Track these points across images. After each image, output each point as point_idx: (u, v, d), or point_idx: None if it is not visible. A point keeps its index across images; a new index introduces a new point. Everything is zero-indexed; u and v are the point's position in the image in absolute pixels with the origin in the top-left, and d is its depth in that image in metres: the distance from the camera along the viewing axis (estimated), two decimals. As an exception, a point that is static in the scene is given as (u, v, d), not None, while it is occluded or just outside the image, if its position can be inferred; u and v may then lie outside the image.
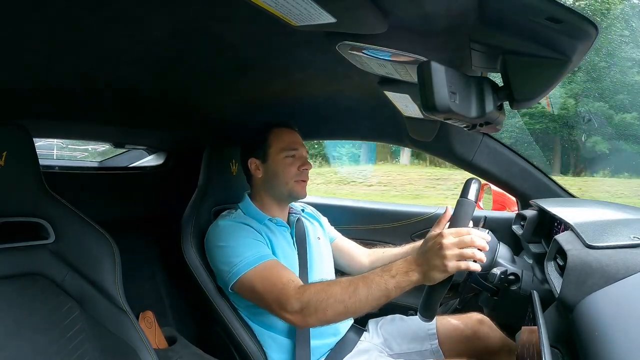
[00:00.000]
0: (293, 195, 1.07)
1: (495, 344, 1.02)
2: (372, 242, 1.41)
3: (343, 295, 0.78)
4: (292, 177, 1.04)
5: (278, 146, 1.06)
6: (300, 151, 1.07)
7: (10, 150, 0.70)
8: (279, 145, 1.06)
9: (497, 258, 0.97)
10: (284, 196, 1.07)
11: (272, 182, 1.06)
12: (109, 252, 0.82)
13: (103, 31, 0.59)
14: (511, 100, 0.57)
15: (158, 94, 0.97)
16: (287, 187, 1.05)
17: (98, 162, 1.56)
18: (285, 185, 1.05)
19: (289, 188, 1.05)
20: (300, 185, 1.06)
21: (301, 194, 1.06)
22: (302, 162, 1.06)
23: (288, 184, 1.05)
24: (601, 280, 0.58)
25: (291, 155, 1.05)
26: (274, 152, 1.05)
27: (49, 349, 0.68)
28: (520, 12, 0.47)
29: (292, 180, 1.04)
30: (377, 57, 0.66)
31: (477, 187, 0.79)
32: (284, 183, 1.05)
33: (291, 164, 1.05)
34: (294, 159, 1.05)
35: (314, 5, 0.47)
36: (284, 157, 1.05)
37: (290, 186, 1.05)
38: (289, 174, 1.04)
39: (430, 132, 1.13)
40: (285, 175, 1.04)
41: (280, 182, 1.05)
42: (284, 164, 1.04)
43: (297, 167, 1.05)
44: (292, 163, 1.05)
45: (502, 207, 1.96)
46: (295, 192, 1.06)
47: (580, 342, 0.51)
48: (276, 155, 1.05)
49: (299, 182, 1.05)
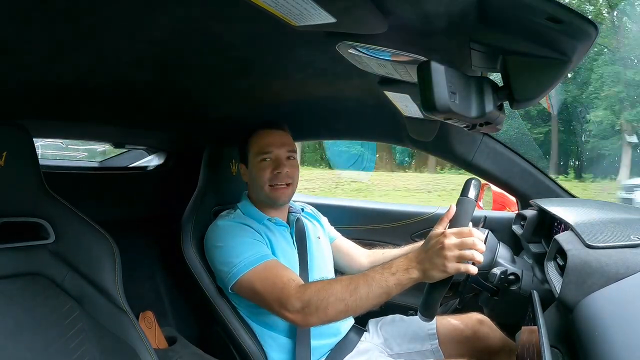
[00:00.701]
0: (270, 200, 1.02)
1: (495, 344, 1.02)
2: (372, 242, 1.41)
3: (344, 293, 0.78)
4: (265, 181, 1.00)
5: (254, 149, 1.03)
6: (275, 153, 1.01)
7: (10, 150, 0.70)
8: (254, 149, 1.03)
9: (497, 258, 0.97)
10: (264, 201, 1.04)
11: (253, 187, 1.04)
12: (109, 252, 0.82)
13: (103, 31, 0.59)
14: (511, 100, 0.57)
15: (158, 94, 0.97)
16: (264, 191, 1.01)
17: (98, 162, 1.56)
18: (262, 189, 1.01)
19: (265, 193, 1.01)
20: (278, 191, 1.01)
21: (278, 199, 1.02)
22: (275, 165, 1.01)
23: (263, 189, 1.01)
24: (601, 280, 0.58)
25: (264, 158, 1.01)
26: (252, 155, 1.03)
27: (49, 348, 0.68)
28: (520, 12, 0.47)
29: (266, 185, 1.00)
30: (377, 57, 0.66)
31: (477, 186, 0.79)
32: (260, 187, 1.01)
33: (265, 167, 1.00)
34: (269, 162, 1.01)
35: (313, 5, 0.47)
36: (258, 160, 1.01)
37: (266, 191, 1.01)
38: (262, 178, 1.00)
39: (430, 132, 1.13)
40: (259, 179, 1.01)
41: (258, 187, 1.02)
42: (258, 168, 1.01)
43: (270, 170, 1.00)
44: (266, 167, 1.00)
45: (502, 207, 1.97)
46: (271, 198, 1.02)
47: (580, 342, 0.51)
48: (253, 159, 1.02)
49: (275, 188, 1.00)
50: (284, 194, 1.02)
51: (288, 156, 1.04)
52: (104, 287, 0.80)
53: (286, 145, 1.04)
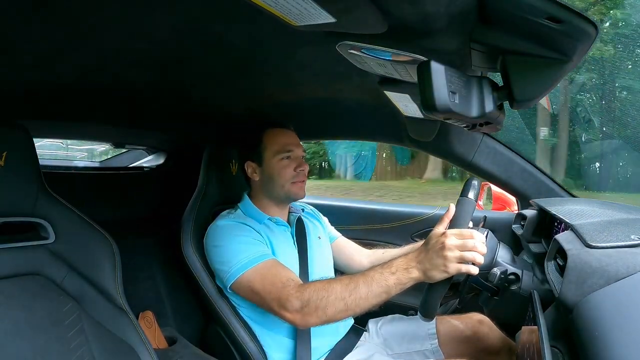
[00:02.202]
0: (291, 197, 1.06)
1: (495, 344, 1.02)
2: (372, 242, 1.41)
3: (343, 292, 0.78)
4: (288, 179, 1.03)
5: (273, 148, 1.04)
6: (295, 152, 1.05)
7: (10, 150, 0.70)
8: (273, 148, 1.04)
9: (497, 258, 0.97)
10: (282, 198, 1.07)
11: (269, 185, 1.05)
12: (109, 252, 0.82)
13: (103, 31, 0.59)
14: (511, 100, 0.57)
15: (158, 94, 0.97)
16: (284, 189, 1.04)
17: (98, 162, 1.56)
18: (282, 187, 1.04)
19: (286, 190, 1.04)
20: (298, 186, 1.05)
21: (299, 194, 1.06)
22: (298, 164, 1.04)
23: (285, 187, 1.04)
24: (601, 280, 0.58)
25: (286, 157, 1.04)
26: (269, 154, 1.04)
27: (48, 349, 0.68)
28: (520, 12, 0.47)
29: (288, 183, 1.03)
30: (377, 57, 0.66)
31: (477, 186, 0.79)
32: (281, 186, 1.04)
33: (287, 166, 1.03)
34: (290, 161, 1.04)
35: (313, 5, 0.47)
36: (279, 159, 1.03)
37: (287, 188, 1.04)
38: (285, 176, 1.03)
39: (430, 132, 1.13)
40: (281, 178, 1.03)
41: (277, 185, 1.04)
42: (280, 166, 1.03)
43: (293, 168, 1.04)
44: (288, 165, 1.03)
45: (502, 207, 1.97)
46: (293, 194, 1.05)
47: (580, 342, 0.51)
48: (271, 158, 1.04)
49: (296, 184, 1.04)
50: (302, 189, 1.06)
51: (303, 155, 1.08)
52: (104, 287, 0.80)
53: (301, 145, 1.09)
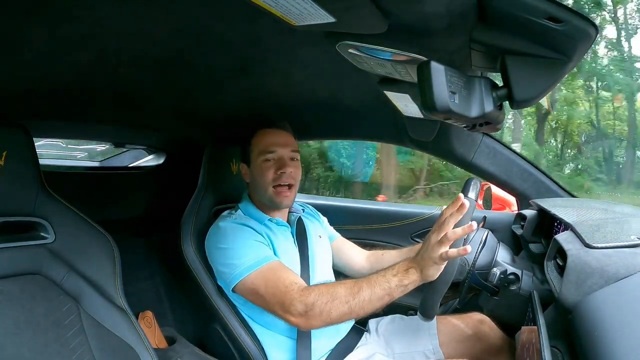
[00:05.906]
0: (273, 203, 0.99)
1: (496, 344, 1.02)
2: (372, 242, 1.41)
3: (347, 296, 0.79)
4: (269, 182, 0.97)
5: (257, 149, 1.00)
6: (278, 152, 0.98)
7: (10, 150, 0.70)
8: (257, 148, 1.00)
9: (497, 258, 0.97)
10: (267, 203, 1.01)
11: (255, 188, 1.02)
12: (108, 251, 0.82)
13: (103, 31, 0.60)
14: (511, 100, 0.57)
15: (158, 94, 0.97)
16: (267, 193, 0.98)
17: (98, 162, 1.56)
18: (265, 191, 0.98)
19: (269, 195, 0.98)
20: (280, 193, 0.98)
21: (282, 203, 0.99)
22: (279, 166, 0.98)
23: (267, 191, 0.98)
24: (601, 280, 0.58)
25: (268, 158, 0.98)
26: (254, 156, 1.00)
27: (48, 348, 0.68)
28: (520, 12, 0.47)
29: (269, 187, 0.98)
30: (377, 57, 0.66)
31: (477, 186, 0.80)
32: (264, 189, 0.99)
33: (268, 167, 0.98)
34: (272, 162, 0.98)
35: (313, 5, 0.47)
36: (262, 160, 0.98)
37: (270, 193, 0.98)
38: (266, 179, 0.97)
39: (430, 132, 1.14)
40: (262, 180, 0.98)
41: (261, 188, 0.99)
42: (262, 168, 0.98)
43: (273, 171, 0.97)
44: (269, 167, 0.98)
45: (502, 207, 1.97)
46: (275, 201, 0.99)
47: (580, 342, 0.52)
48: (256, 159, 0.99)
49: (277, 189, 0.98)
50: (287, 198, 1.00)
51: (291, 157, 1.02)
52: (104, 286, 0.80)
53: (289, 145, 1.02)
